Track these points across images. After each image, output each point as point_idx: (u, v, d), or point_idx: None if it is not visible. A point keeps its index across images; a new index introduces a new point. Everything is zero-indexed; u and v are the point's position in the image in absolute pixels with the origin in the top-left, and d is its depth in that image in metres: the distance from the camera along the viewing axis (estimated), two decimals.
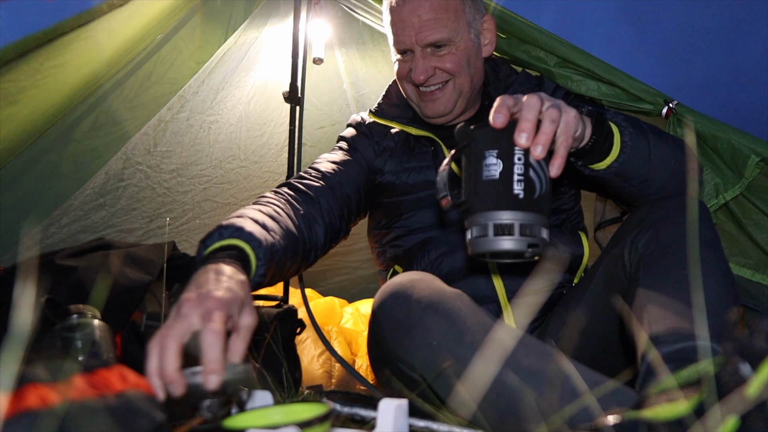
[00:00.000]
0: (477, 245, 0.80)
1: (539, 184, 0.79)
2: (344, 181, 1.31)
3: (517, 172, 0.78)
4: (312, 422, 0.63)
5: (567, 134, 0.82)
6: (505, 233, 0.78)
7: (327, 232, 1.23)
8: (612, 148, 0.97)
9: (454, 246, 1.28)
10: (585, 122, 0.90)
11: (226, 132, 2.40)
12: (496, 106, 0.81)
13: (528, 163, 0.78)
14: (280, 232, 1.06)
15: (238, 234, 0.96)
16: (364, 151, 1.39)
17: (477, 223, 0.80)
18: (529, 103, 0.81)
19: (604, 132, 0.94)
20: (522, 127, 0.79)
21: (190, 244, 2.53)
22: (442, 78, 1.27)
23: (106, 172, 2.19)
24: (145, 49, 1.85)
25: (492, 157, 0.79)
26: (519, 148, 0.79)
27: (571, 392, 0.80)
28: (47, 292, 1.40)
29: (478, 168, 0.80)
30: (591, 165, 0.98)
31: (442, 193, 0.83)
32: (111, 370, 0.61)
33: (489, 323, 0.91)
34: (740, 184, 1.28)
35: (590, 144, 0.93)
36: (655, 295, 0.89)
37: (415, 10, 1.22)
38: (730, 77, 30.46)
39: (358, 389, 1.76)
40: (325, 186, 1.27)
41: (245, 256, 0.95)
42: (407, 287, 0.99)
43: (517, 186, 0.78)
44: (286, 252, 1.07)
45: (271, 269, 1.01)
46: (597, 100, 1.38)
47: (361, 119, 1.46)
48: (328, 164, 1.34)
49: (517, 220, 0.77)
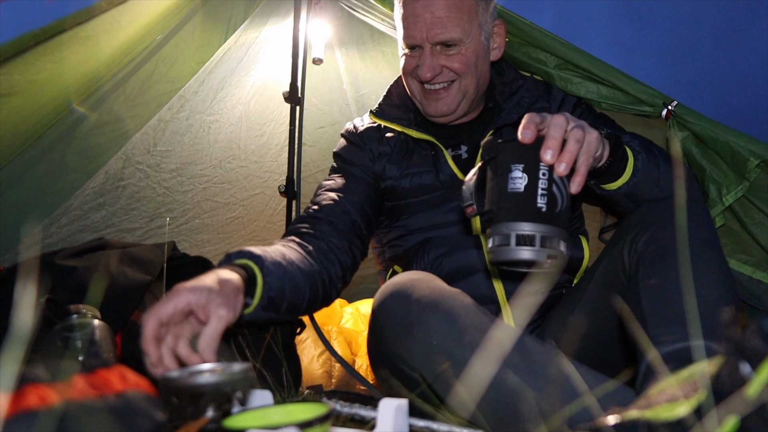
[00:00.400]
0: (498, 253, 0.84)
1: (561, 199, 0.83)
2: (348, 209, 1.30)
3: (541, 186, 0.83)
4: (312, 422, 0.63)
5: (588, 154, 0.86)
6: (526, 244, 0.82)
7: (342, 266, 1.24)
8: (625, 170, 1.01)
9: (454, 246, 1.28)
10: (605, 143, 0.95)
11: (225, 132, 2.40)
12: (524, 122, 0.85)
13: (551, 179, 0.83)
14: (290, 262, 1.09)
15: (242, 255, 1.02)
16: (361, 162, 1.38)
17: (500, 232, 0.84)
18: (556, 122, 0.85)
19: (620, 155, 0.99)
20: (548, 144, 0.83)
21: (190, 244, 2.52)
22: (448, 77, 1.27)
23: (105, 171, 2.19)
24: (146, 48, 1.85)
25: (518, 170, 0.84)
26: (544, 164, 0.83)
27: (571, 392, 0.81)
28: (47, 292, 1.40)
29: (503, 180, 0.84)
30: (603, 185, 1.03)
31: (468, 202, 0.88)
32: (111, 370, 0.61)
33: (489, 323, 0.91)
34: (742, 186, 1.28)
35: (606, 165, 0.97)
36: (655, 294, 0.89)
37: (429, 6, 1.22)
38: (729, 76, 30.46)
39: (358, 389, 1.76)
40: (329, 225, 1.26)
41: (250, 269, 1.00)
42: (407, 287, 0.99)
43: (541, 200, 0.82)
44: (301, 279, 1.10)
45: (283, 290, 1.04)
46: (596, 103, 1.38)
47: (353, 127, 1.44)
48: (328, 196, 1.32)
49: (538, 232, 0.82)
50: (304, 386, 1.57)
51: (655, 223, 0.99)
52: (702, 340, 0.80)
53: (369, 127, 1.42)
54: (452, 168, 1.31)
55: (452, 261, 1.27)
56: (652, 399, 0.64)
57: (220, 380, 0.70)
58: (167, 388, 0.69)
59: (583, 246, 1.32)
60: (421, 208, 1.33)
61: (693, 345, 0.79)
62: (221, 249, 2.65)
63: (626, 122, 1.43)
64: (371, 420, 0.78)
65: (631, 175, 1.02)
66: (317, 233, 1.23)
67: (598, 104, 1.38)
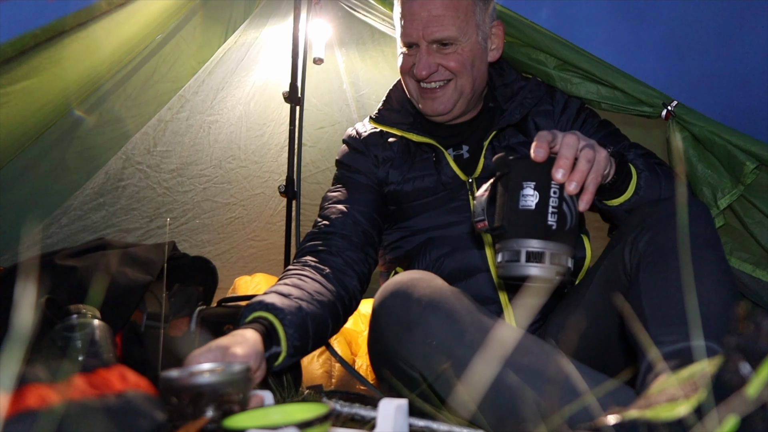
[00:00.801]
0: (508, 269, 0.86)
1: (570, 217, 0.85)
2: (358, 219, 1.30)
3: (552, 204, 0.85)
4: (312, 422, 0.63)
5: (597, 173, 0.88)
6: (536, 260, 0.84)
7: (360, 277, 1.24)
8: (628, 188, 1.04)
9: (456, 246, 1.28)
10: (611, 161, 0.97)
11: (226, 132, 2.40)
12: (536, 141, 0.87)
13: (562, 197, 0.85)
14: (308, 297, 1.10)
15: (262, 306, 1.03)
16: (365, 168, 1.38)
17: (510, 248, 0.86)
18: (568, 141, 0.88)
19: (624, 173, 1.02)
20: (560, 163, 0.86)
21: (190, 244, 2.53)
22: (444, 76, 1.27)
23: (105, 171, 2.19)
24: (146, 48, 1.85)
25: (529, 188, 0.85)
26: (555, 182, 0.85)
27: (571, 392, 0.80)
28: (47, 292, 1.40)
29: (515, 197, 0.86)
30: (606, 201, 1.06)
31: (479, 217, 0.89)
32: (111, 370, 0.61)
33: (489, 322, 0.91)
34: (736, 190, 1.29)
35: (611, 182, 1.00)
36: (656, 294, 0.89)
37: (425, 5, 1.23)
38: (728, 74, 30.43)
39: (358, 389, 1.76)
40: (343, 239, 1.26)
41: (271, 324, 1.01)
42: (408, 286, 0.99)
43: (551, 218, 0.84)
44: (322, 313, 1.11)
45: (306, 333, 1.06)
46: (596, 103, 1.38)
47: (356, 133, 1.44)
48: (336, 209, 1.32)
49: (548, 249, 0.84)
50: (304, 386, 1.58)
51: (657, 223, 0.99)
52: (702, 340, 0.80)
53: (371, 132, 1.42)
54: (454, 169, 1.32)
55: (454, 261, 1.27)
56: (652, 399, 0.64)
57: (220, 380, 0.70)
58: (167, 388, 0.69)
59: (585, 245, 1.32)
60: (424, 210, 1.33)
61: (693, 345, 0.79)
62: (221, 249, 2.65)
63: (626, 122, 1.43)
64: (371, 420, 0.78)
65: (633, 192, 1.05)
66: (333, 249, 1.24)
67: (598, 104, 1.38)
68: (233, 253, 2.69)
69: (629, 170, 1.05)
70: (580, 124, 1.34)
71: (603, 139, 1.30)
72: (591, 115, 1.37)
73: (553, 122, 1.34)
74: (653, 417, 0.58)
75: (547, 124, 1.34)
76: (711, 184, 1.32)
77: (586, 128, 1.33)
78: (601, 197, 1.05)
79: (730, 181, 1.30)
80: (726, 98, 29.04)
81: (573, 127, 1.34)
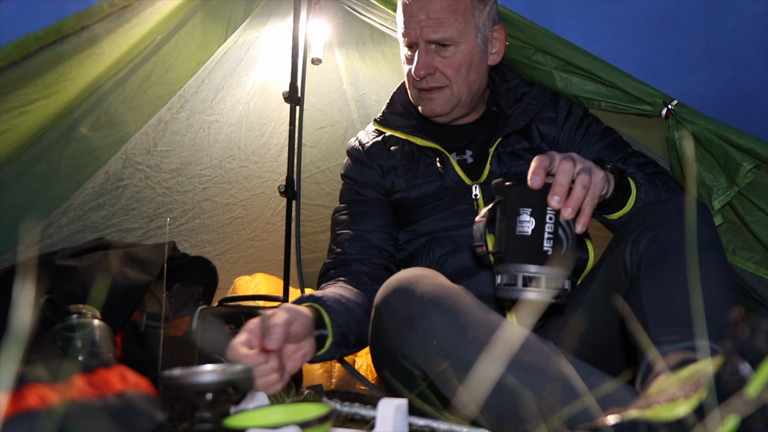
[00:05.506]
0: (506, 292, 0.89)
1: (566, 241, 0.87)
2: (372, 242, 1.33)
3: (548, 230, 0.86)
4: (312, 422, 0.63)
5: (594, 195, 0.90)
6: (532, 285, 0.86)
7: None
8: (627, 202, 1.06)
9: (459, 245, 1.28)
10: (610, 179, 0.99)
11: (225, 132, 2.40)
12: (533, 167, 0.89)
13: (558, 223, 0.87)
14: (346, 297, 1.16)
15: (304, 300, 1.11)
16: (372, 181, 1.39)
17: (507, 272, 0.88)
18: (564, 168, 0.89)
19: (623, 188, 1.04)
20: (555, 190, 0.87)
21: (190, 244, 2.52)
22: (440, 82, 1.29)
23: (105, 171, 2.19)
24: (145, 48, 1.85)
25: (526, 214, 0.87)
26: (551, 208, 0.86)
27: (571, 392, 0.80)
28: (47, 292, 1.40)
29: (512, 223, 0.88)
30: (605, 215, 1.08)
31: (478, 242, 0.91)
32: (111, 370, 0.61)
33: (491, 320, 0.91)
34: (731, 191, 1.29)
35: (610, 197, 1.02)
36: (656, 294, 0.89)
37: (424, 7, 1.25)
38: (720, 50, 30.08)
39: (358, 389, 1.76)
40: (360, 264, 1.31)
41: (316, 310, 1.07)
42: (410, 282, 0.99)
43: (547, 243, 0.87)
44: (359, 310, 1.17)
45: (348, 324, 1.11)
46: (596, 102, 1.38)
47: (359, 144, 1.45)
48: (348, 235, 1.35)
49: (544, 274, 0.86)
50: (304, 386, 1.58)
51: (657, 223, 0.99)
52: (703, 340, 0.80)
53: (374, 142, 1.42)
54: (458, 173, 1.32)
55: (457, 260, 1.27)
56: (652, 399, 0.64)
57: (221, 380, 0.70)
58: (167, 387, 0.69)
59: (588, 248, 1.32)
60: (429, 214, 1.34)
61: (694, 345, 0.79)
62: (221, 249, 2.65)
63: (627, 122, 1.43)
64: (371, 419, 0.78)
65: (633, 206, 1.06)
66: (352, 276, 1.28)
67: (598, 104, 1.38)
68: (233, 253, 2.69)
69: (629, 185, 1.06)
70: (583, 131, 1.34)
71: (605, 147, 1.31)
72: (594, 123, 1.37)
73: (556, 129, 1.35)
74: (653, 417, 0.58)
75: (550, 131, 1.34)
76: (707, 185, 1.33)
77: (588, 136, 1.33)
78: (600, 212, 1.07)
79: (726, 182, 1.31)
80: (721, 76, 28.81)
81: (576, 135, 1.34)
